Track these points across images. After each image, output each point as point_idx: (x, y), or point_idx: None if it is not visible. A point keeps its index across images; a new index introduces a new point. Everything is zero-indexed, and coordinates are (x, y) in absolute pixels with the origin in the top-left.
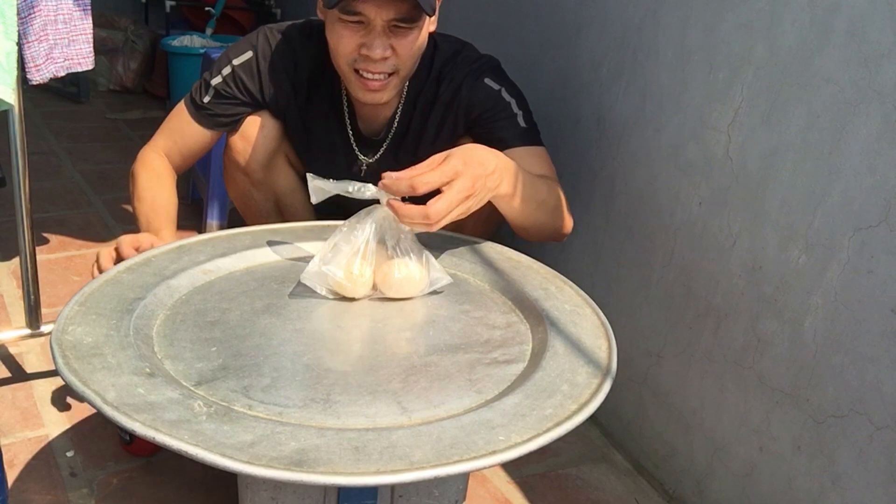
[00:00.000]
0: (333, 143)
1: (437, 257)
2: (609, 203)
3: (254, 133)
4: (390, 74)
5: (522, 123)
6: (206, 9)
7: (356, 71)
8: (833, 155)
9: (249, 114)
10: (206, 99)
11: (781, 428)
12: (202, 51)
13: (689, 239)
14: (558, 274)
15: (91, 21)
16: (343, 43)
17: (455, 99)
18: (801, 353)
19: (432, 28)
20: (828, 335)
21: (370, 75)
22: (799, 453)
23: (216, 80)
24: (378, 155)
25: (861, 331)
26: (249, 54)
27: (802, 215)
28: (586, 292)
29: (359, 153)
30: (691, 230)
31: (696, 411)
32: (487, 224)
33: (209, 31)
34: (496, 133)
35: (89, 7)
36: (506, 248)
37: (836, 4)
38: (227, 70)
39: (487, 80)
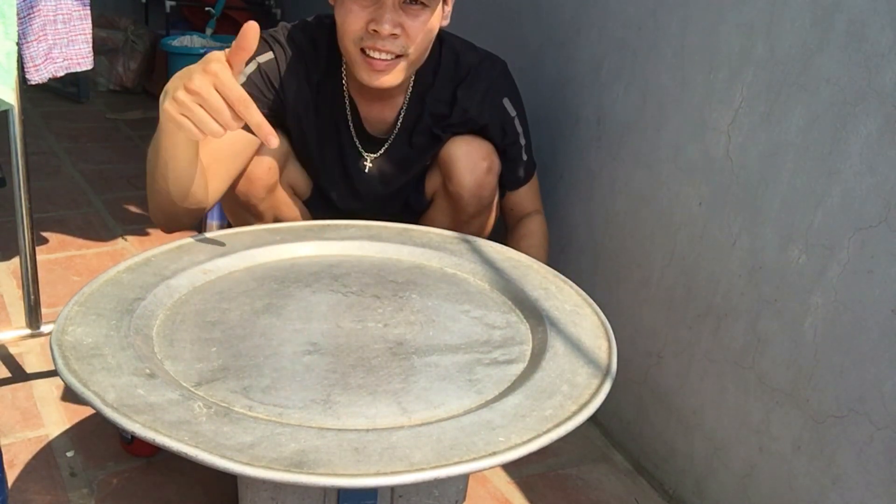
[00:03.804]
0: (339, 143)
1: (437, 257)
2: (609, 203)
3: (254, 170)
4: (398, 56)
5: (524, 157)
6: (206, 9)
7: (363, 51)
8: (833, 155)
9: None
10: None
11: (781, 428)
12: (202, 51)
13: (689, 239)
14: (558, 274)
15: (90, 21)
16: (351, 19)
17: (465, 120)
18: (801, 353)
19: (444, 22)
20: (828, 335)
21: (377, 54)
22: (799, 453)
23: (240, 80)
24: (382, 150)
25: (861, 331)
26: (270, 55)
27: (802, 215)
28: (586, 292)
29: (363, 150)
30: (691, 230)
31: (696, 411)
32: (492, 196)
33: (209, 31)
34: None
35: (89, 7)
36: (506, 248)
37: (836, 4)
38: (251, 68)
39: (505, 102)
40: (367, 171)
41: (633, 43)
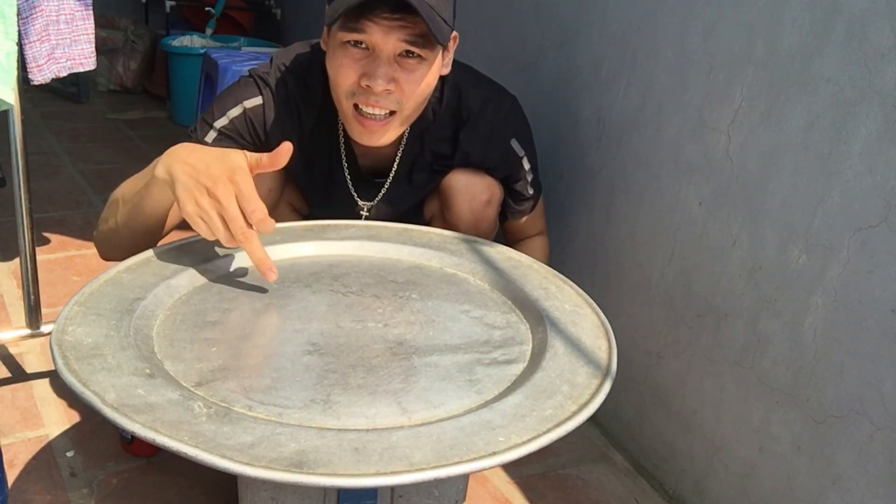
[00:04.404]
0: (333, 188)
1: (437, 257)
2: (609, 203)
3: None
4: (391, 113)
5: (530, 191)
6: (206, 9)
7: (355, 107)
8: (833, 155)
9: None
10: (210, 139)
11: (781, 428)
12: (202, 51)
13: (689, 239)
14: (558, 274)
15: (93, 21)
16: (343, 72)
17: (467, 163)
18: (801, 353)
19: (444, 71)
20: (828, 335)
21: (370, 109)
22: (799, 453)
23: (221, 122)
24: (378, 198)
25: (861, 331)
26: (258, 100)
27: (802, 215)
28: (586, 292)
29: (358, 199)
30: (691, 230)
31: (696, 411)
32: (491, 228)
33: (209, 31)
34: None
35: (91, 7)
36: (506, 248)
37: (836, 4)
38: (235, 111)
39: (513, 143)
40: (362, 218)
41: (633, 43)
